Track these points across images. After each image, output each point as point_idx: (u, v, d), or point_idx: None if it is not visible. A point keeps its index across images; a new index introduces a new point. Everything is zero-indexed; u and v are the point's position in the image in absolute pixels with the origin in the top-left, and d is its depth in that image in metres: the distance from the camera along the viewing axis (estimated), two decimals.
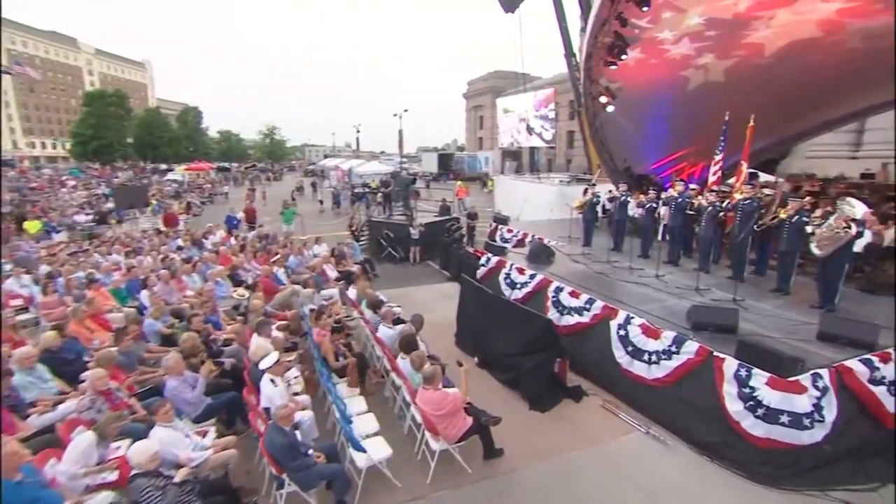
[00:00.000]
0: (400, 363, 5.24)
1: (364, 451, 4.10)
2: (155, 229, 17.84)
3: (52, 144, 69.80)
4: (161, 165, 53.83)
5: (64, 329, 5.64)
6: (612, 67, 10.09)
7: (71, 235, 17.72)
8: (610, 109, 11.46)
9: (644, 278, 7.75)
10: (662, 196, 9.37)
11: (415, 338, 5.57)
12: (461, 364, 4.84)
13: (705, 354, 4.81)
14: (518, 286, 8.08)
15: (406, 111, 31.71)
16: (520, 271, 8.21)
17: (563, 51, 16.72)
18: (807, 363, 4.53)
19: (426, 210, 16.55)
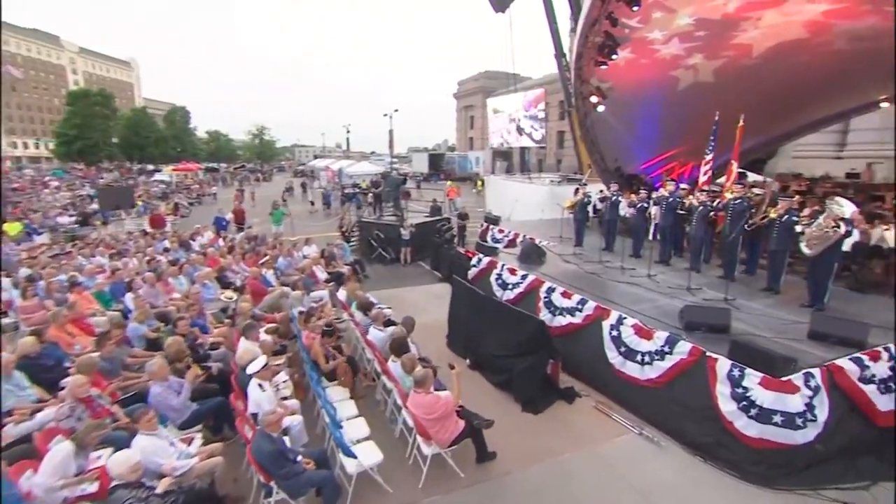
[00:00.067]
0: (391, 366, 5.16)
1: (354, 457, 4.01)
2: (141, 231, 17.52)
3: (35, 144, 68.35)
4: (148, 166, 52.97)
5: (43, 334, 5.46)
6: (603, 67, 10.11)
7: (53, 237, 17.33)
8: (600, 109, 11.48)
9: (636, 278, 7.74)
10: (653, 196, 9.41)
11: (406, 340, 5.50)
12: (453, 367, 4.78)
13: (698, 354, 4.81)
14: (510, 287, 8.03)
15: (396, 111, 31.52)
16: (511, 272, 8.17)
17: (554, 51, 16.78)
18: (799, 362, 4.54)
19: (417, 210, 16.49)
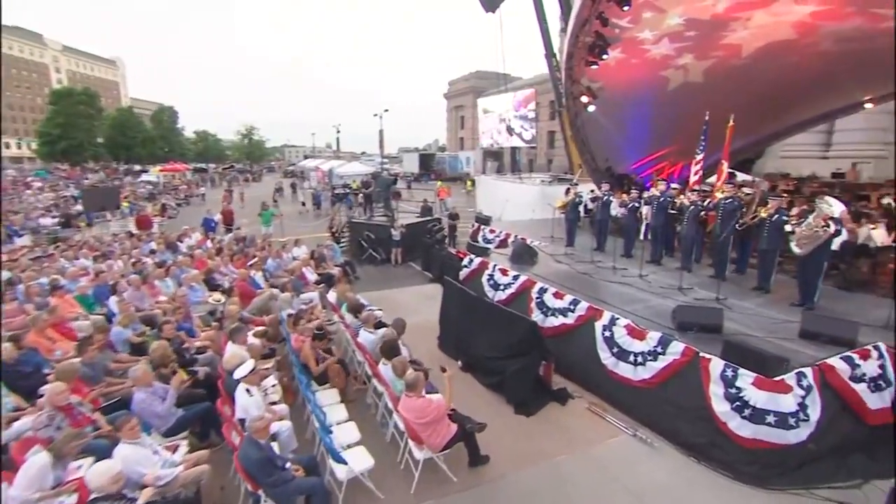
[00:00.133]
0: (382, 369, 5.07)
1: (345, 463, 3.92)
2: (127, 232, 17.18)
3: (17, 144, 66.99)
4: (135, 166, 52.11)
5: (21, 340, 5.28)
6: (594, 67, 10.11)
7: (34, 239, 16.93)
8: (591, 109, 11.50)
9: (628, 278, 7.74)
10: (644, 196, 9.42)
11: (397, 343, 5.41)
12: (445, 370, 4.71)
13: (691, 355, 4.79)
14: (501, 287, 7.98)
15: (386, 111, 31.31)
16: (503, 272, 8.12)
17: (544, 51, 16.84)
18: (791, 362, 4.53)
19: (407, 211, 16.44)
